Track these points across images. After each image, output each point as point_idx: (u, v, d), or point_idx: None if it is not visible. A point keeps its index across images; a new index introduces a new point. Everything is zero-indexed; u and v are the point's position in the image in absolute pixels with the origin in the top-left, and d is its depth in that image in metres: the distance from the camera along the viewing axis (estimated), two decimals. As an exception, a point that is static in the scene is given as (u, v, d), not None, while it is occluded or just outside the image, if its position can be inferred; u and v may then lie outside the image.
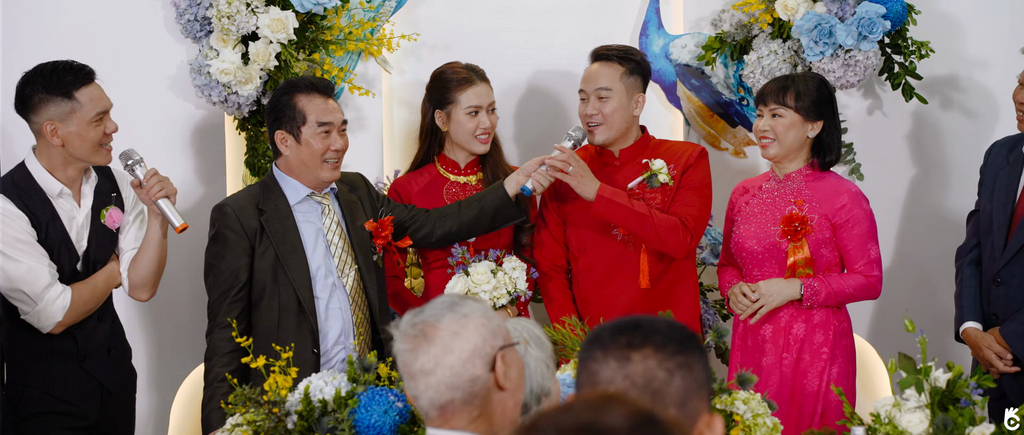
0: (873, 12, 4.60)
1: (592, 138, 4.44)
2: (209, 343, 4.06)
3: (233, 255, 4.07)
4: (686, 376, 2.24)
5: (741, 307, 4.31)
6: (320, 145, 4.11)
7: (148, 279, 4.11)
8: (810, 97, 4.28)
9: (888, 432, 3.21)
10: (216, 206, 4.17)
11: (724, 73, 4.94)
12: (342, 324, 4.14)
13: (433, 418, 2.55)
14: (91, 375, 4.07)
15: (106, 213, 4.09)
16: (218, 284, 4.07)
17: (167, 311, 4.93)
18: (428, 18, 4.98)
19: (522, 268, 4.34)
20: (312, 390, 3.25)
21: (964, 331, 4.41)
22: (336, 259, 4.16)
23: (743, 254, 4.37)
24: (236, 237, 4.08)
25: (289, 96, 4.13)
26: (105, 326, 4.12)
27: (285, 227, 4.11)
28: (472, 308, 2.57)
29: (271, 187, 4.18)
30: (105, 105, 4.03)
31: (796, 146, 4.31)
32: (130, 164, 4.01)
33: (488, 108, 4.46)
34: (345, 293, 4.15)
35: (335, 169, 4.17)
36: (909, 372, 3.22)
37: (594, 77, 4.41)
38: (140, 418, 4.71)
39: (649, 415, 1.85)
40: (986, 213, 4.43)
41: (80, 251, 4.04)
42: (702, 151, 4.46)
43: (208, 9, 4.59)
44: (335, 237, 4.18)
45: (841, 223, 4.28)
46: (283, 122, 4.13)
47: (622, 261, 4.43)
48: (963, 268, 4.49)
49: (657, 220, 4.30)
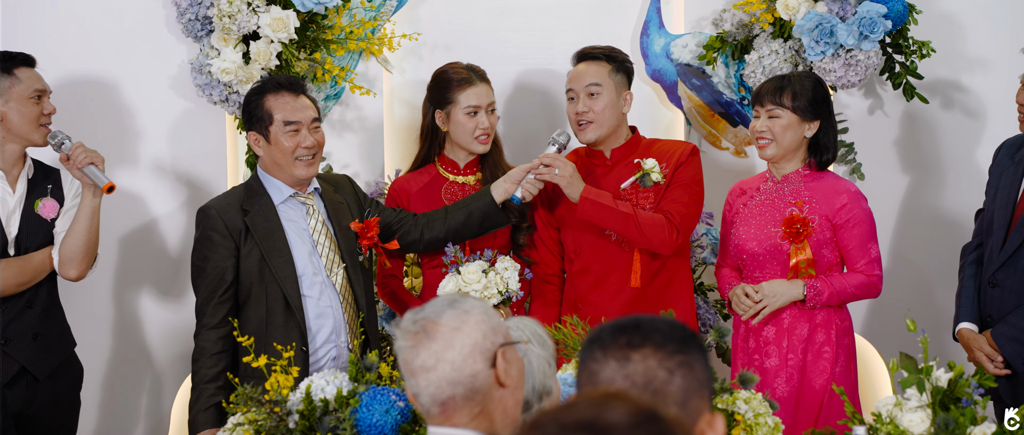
0: (874, 12, 4.60)
1: (583, 136, 4.43)
2: (196, 344, 4.08)
3: (219, 256, 4.08)
4: (687, 375, 2.24)
5: (743, 308, 4.31)
6: (289, 143, 4.12)
7: (75, 253, 4.15)
8: (807, 97, 4.28)
9: (890, 432, 3.21)
10: (201, 208, 4.18)
11: (725, 72, 4.94)
12: (333, 322, 4.14)
13: (434, 415, 2.56)
14: (14, 359, 4.13)
15: (41, 203, 4.19)
16: (204, 286, 4.09)
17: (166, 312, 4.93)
18: (429, 18, 4.99)
19: (515, 268, 4.31)
20: (313, 389, 3.25)
21: (959, 332, 4.40)
22: (323, 258, 4.17)
23: (744, 255, 4.36)
24: (221, 238, 4.09)
25: (259, 97, 4.16)
26: (34, 313, 4.18)
27: (270, 227, 4.12)
28: (473, 305, 2.59)
29: (255, 188, 4.19)
30: (43, 85, 4.21)
31: (794, 146, 4.31)
32: (58, 140, 4.12)
33: (487, 108, 4.45)
34: (335, 291, 4.16)
35: (310, 166, 4.17)
36: (910, 372, 3.22)
37: (582, 75, 4.41)
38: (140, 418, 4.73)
39: (651, 413, 1.85)
40: (988, 213, 4.43)
41: (10, 236, 4.14)
42: (694, 149, 4.46)
43: (209, 8, 4.59)
44: (321, 237, 4.18)
45: (841, 223, 4.28)
46: (253, 123, 4.16)
47: (617, 262, 4.42)
48: (965, 267, 4.48)
49: (641, 218, 4.30)
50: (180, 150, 4.89)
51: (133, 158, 4.85)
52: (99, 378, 4.90)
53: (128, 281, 4.91)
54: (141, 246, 4.90)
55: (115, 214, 4.82)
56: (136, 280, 4.91)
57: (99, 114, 4.82)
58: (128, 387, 4.95)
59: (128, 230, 4.89)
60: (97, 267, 4.28)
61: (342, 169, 4.91)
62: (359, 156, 4.97)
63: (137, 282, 4.91)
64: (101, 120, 4.82)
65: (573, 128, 4.44)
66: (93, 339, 4.84)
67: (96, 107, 4.82)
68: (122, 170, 4.85)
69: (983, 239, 4.45)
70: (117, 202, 4.79)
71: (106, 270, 4.86)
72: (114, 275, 4.90)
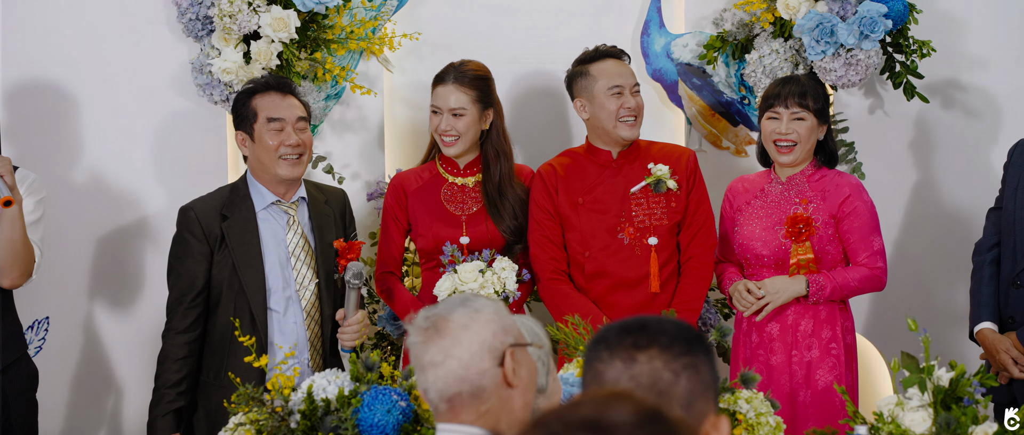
0: (875, 11, 4.60)
1: (631, 133, 4.44)
2: (163, 345, 4.10)
3: (192, 260, 4.09)
4: (692, 377, 2.24)
5: (745, 304, 4.31)
6: (273, 141, 4.11)
7: (2, 264, 4.03)
8: (822, 100, 4.30)
9: (891, 431, 3.21)
10: (182, 208, 4.18)
11: (725, 72, 4.94)
12: (295, 338, 4.12)
13: (442, 412, 2.57)
14: None
15: None
16: (176, 287, 4.11)
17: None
18: (429, 17, 4.98)
19: (512, 269, 4.29)
20: (315, 389, 3.25)
21: (979, 332, 4.35)
22: (295, 272, 4.15)
23: (749, 256, 4.36)
24: (197, 242, 4.09)
25: (247, 97, 4.17)
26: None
27: (246, 236, 4.11)
28: (484, 304, 2.61)
29: (240, 191, 4.18)
30: None
31: (812, 149, 4.33)
32: None
33: (450, 112, 4.37)
34: (300, 308, 4.14)
35: (294, 166, 4.15)
36: (912, 371, 3.22)
37: (625, 73, 4.45)
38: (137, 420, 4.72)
39: (655, 413, 1.85)
40: (1008, 213, 4.38)
41: None
42: (693, 156, 4.50)
43: (210, 8, 4.58)
44: (298, 249, 4.16)
45: (843, 216, 4.28)
46: (241, 123, 4.17)
47: (629, 265, 4.40)
48: (984, 266, 4.41)
49: (706, 280, 4.45)
50: (180, 150, 4.88)
51: (133, 158, 4.85)
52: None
53: (128, 281, 4.90)
54: (141, 246, 4.90)
55: (116, 214, 4.82)
56: (136, 280, 4.90)
57: (98, 114, 4.82)
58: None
59: (128, 230, 4.88)
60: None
61: (342, 169, 4.91)
62: (359, 156, 4.96)
63: (137, 282, 4.90)
64: (100, 120, 4.81)
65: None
66: (93, 339, 4.84)
67: (96, 107, 4.82)
68: (121, 170, 4.84)
69: (1002, 238, 4.40)
70: (117, 202, 4.79)
71: (106, 270, 4.86)
72: (114, 275, 4.89)
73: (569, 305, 4.34)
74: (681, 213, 4.43)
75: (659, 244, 4.40)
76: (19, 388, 4.19)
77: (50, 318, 4.74)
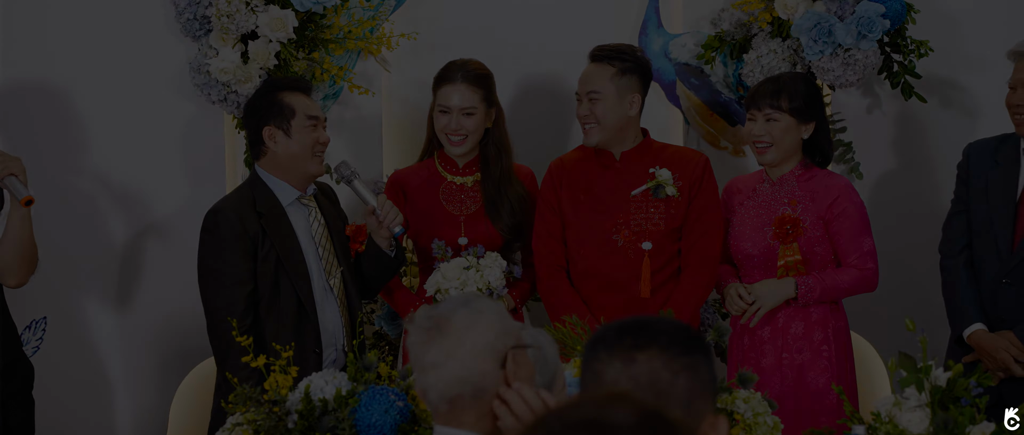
0: (873, 11, 4.60)
1: (587, 140, 4.39)
2: (227, 350, 3.95)
3: (239, 258, 4.05)
4: (691, 377, 2.24)
5: (736, 308, 4.30)
6: (309, 138, 4.14)
7: (11, 263, 4.02)
8: (802, 98, 4.27)
9: (889, 431, 3.21)
10: (211, 210, 4.14)
11: (723, 72, 4.94)
12: (333, 327, 4.15)
13: (443, 413, 2.56)
14: None
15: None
16: (221, 292, 4.03)
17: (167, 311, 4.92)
18: (428, 17, 4.98)
19: (499, 265, 4.25)
20: (312, 389, 3.25)
21: (972, 334, 4.33)
22: (324, 262, 4.17)
23: (740, 257, 4.37)
24: (237, 240, 4.06)
25: (273, 93, 4.18)
26: None
27: (283, 229, 4.12)
28: (487, 305, 2.59)
29: (260, 188, 4.17)
30: None
31: (792, 149, 4.31)
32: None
33: (461, 111, 4.36)
34: (334, 296, 4.16)
35: (322, 163, 4.22)
36: (909, 371, 3.22)
37: (586, 78, 4.36)
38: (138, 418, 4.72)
39: (656, 413, 1.85)
40: (982, 213, 4.38)
41: None
42: (707, 162, 4.40)
43: (207, 8, 4.58)
44: (323, 239, 4.19)
45: (832, 217, 4.27)
46: (271, 118, 4.15)
47: (621, 268, 4.37)
48: (958, 270, 4.40)
49: (698, 292, 4.36)
50: (179, 150, 4.88)
51: (132, 158, 4.85)
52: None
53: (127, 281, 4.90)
54: (141, 246, 4.89)
55: (115, 214, 4.82)
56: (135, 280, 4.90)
57: (98, 114, 4.81)
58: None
59: (127, 230, 4.88)
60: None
61: (340, 168, 4.91)
62: (357, 156, 4.96)
63: (136, 282, 4.90)
64: (100, 120, 4.81)
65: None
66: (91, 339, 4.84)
67: (95, 107, 4.81)
68: (121, 170, 4.84)
69: (973, 240, 4.40)
70: (116, 202, 4.79)
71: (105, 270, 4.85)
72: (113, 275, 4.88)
73: (562, 303, 4.32)
74: (681, 219, 4.36)
75: (653, 249, 4.33)
76: (15, 387, 4.19)
77: (48, 318, 4.74)
